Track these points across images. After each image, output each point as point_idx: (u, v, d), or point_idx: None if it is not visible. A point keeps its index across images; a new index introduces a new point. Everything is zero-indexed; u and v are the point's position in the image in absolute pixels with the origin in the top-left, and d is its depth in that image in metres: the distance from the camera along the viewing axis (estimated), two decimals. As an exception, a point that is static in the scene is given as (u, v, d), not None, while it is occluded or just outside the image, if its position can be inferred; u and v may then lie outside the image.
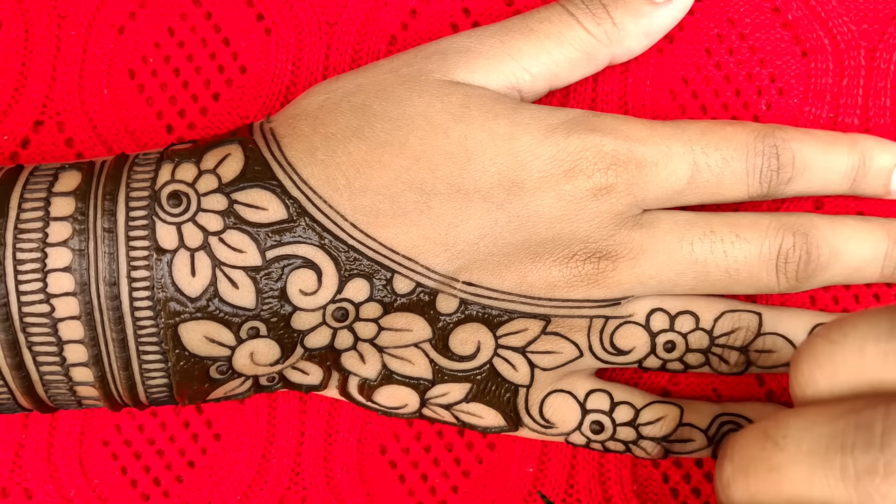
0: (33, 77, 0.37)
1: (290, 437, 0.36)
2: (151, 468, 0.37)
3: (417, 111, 0.32)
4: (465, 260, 0.32)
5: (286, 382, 0.34)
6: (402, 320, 0.32)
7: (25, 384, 0.31)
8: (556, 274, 0.32)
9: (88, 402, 0.33)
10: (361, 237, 0.31)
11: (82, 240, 0.30)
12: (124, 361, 0.31)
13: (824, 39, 0.36)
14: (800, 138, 0.33)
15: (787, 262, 0.33)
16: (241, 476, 0.36)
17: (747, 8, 0.36)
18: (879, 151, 0.34)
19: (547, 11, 0.34)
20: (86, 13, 0.37)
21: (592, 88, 0.36)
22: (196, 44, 0.37)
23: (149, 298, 0.30)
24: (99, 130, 0.37)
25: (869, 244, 0.33)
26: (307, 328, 0.31)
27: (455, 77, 0.32)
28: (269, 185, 0.31)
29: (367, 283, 0.31)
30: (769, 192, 0.33)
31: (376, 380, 0.33)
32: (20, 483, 0.37)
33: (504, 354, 0.33)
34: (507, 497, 0.36)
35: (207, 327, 0.31)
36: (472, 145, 0.31)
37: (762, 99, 0.36)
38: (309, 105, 0.33)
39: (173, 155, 0.32)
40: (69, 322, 0.30)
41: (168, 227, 0.30)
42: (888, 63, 0.36)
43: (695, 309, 0.33)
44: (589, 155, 0.32)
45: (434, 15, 0.37)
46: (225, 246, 0.30)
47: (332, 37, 0.37)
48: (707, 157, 0.32)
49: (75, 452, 0.37)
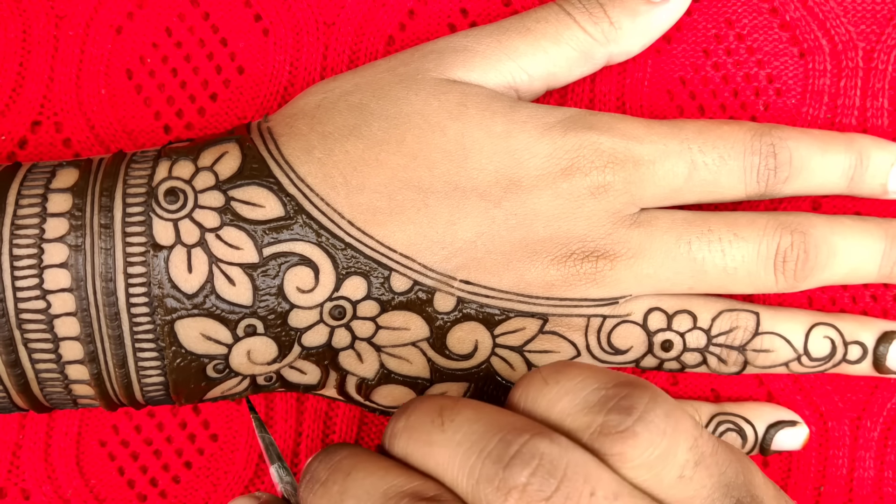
0: (31, 77, 0.37)
1: (288, 437, 0.36)
2: (148, 468, 0.37)
3: (414, 109, 0.32)
4: (462, 258, 0.32)
5: (284, 382, 0.33)
6: (400, 319, 0.32)
7: (21, 382, 0.31)
8: (554, 273, 0.32)
9: (84, 402, 0.33)
10: (359, 235, 0.31)
11: (79, 236, 0.30)
12: (120, 359, 0.31)
13: (822, 40, 0.36)
14: (797, 137, 0.33)
15: (784, 261, 0.33)
16: (238, 476, 0.36)
17: (745, 8, 0.36)
18: (877, 151, 0.34)
19: (544, 11, 0.34)
20: (84, 13, 0.37)
21: (590, 88, 0.36)
22: (194, 44, 0.37)
23: (145, 295, 0.30)
24: (97, 131, 0.37)
25: (866, 243, 0.33)
26: (304, 326, 0.31)
27: (452, 76, 0.32)
28: (266, 183, 0.31)
29: (365, 280, 0.31)
30: (766, 191, 0.33)
31: (374, 379, 0.33)
32: (17, 483, 0.36)
33: (502, 353, 0.33)
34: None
35: (204, 324, 0.31)
36: (470, 143, 0.31)
37: (760, 99, 0.36)
38: (306, 104, 0.33)
39: (171, 152, 0.32)
40: (65, 319, 0.30)
41: (165, 223, 0.30)
42: (886, 64, 0.36)
43: (692, 308, 0.33)
44: (586, 153, 0.32)
45: (432, 15, 0.37)
46: (222, 243, 0.30)
47: (329, 37, 0.37)
48: (704, 155, 0.32)
49: (72, 453, 0.36)
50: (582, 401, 0.26)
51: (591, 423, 0.26)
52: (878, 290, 0.35)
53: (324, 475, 0.28)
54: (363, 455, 0.28)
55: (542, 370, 0.27)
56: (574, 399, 0.26)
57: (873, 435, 0.36)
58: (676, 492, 0.26)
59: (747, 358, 0.34)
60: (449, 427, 0.26)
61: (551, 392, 0.27)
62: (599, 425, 0.25)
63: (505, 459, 0.24)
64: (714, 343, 0.33)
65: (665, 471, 0.25)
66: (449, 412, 0.26)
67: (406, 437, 0.27)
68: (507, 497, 0.24)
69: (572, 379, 0.27)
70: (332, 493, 0.27)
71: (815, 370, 0.34)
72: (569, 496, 0.24)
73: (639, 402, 0.25)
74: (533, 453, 0.24)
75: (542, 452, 0.24)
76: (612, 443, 0.25)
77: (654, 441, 0.25)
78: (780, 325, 0.34)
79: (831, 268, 0.33)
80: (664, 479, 0.25)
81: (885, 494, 0.36)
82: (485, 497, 0.24)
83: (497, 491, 0.24)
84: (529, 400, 0.27)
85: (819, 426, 0.36)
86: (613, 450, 0.25)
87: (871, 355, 0.34)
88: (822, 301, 0.36)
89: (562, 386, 0.26)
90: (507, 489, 0.24)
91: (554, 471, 0.24)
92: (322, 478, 0.28)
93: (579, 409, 0.26)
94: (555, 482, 0.24)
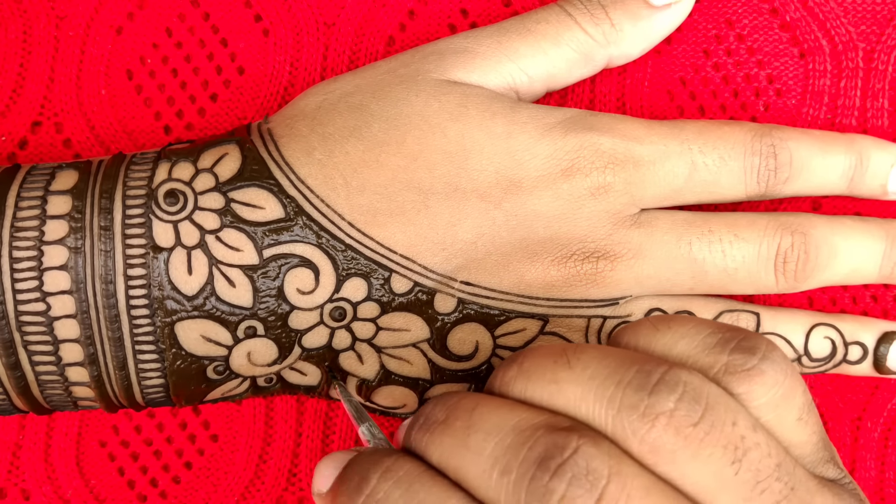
0: (31, 78, 0.37)
1: (288, 438, 0.36)
2: (149, 469, 0.37)
3: (415, 110, 0.32)
4: (462, 259, 0.31)
5: (284, 384, 0.33)
6: (400, 320, 0.32)
7: (21, 384, 0.31)
8: (554, 273, 0.32)
9: (84, 404, 0.33)
10: (359, 236, 0.31)
11: (78, 238, 0.30)
12: (120, 361, 0.31)
13: (822, 41, 0.36)
14: (797, 138, 0.33)
15: (785, 261, 0.33)
16: (238, 477, 0.36)
17: (745, 9, 0.36)
18: (877, 152, 0.34)
19: (545, 12, 0.34)
20: (84, 14, 0.37)
21: (590, 89, 0.36)
22: (194, 45, 0.37)
23: (145, 297, 0.30)
24: (97, 131, 0.37)
25: (867, 244, 0.33)
26: (305, 328, 0.31)
27: (452, 77, 0.32)
28: (266, 184, 0.31)
29: (365, 282, 0.31)
30: (767, 191, 0.33)
31: (374, 380, 0.33)
32: (17, 484, 0.36)
33: (502, 354, 0.33)
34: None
35: (204, 326, 0.31)
36: (470, 144, 0.31)
37: (760, 100, 0.36)
38: (306, 105, 0.33)
39: (170, 154, 0.32)
40: (65, 321, 0.30)
41: (165, 225, 0.30)
42: (886, 64, 0.36)
43: (693, 309, 0.33)
44: (586, 154, 0.32)
45: (432, 16, 0.37)
46: (222, 244, 0.30)
47: (329, 38, 0.37)
48: (704, 156, 0.32)
49: (72, 453, 0.36)
50: (700, 342, 0.26)
51: (714, 362, 0.25)
52: (879, 291, 0.35)
53: (442, 415, 0.26)
54: (483, 396, 0.27)
55: (647, 319, 0.27)
56: (692, 342, 0.26)
57: (874, 435, 0.36)
58: (794, 434, 0.26)
59: (748, 359, 0.34)
60: (576, 364, 0.25)
61: (665, 336, 0.26)
62: (724, 364, 0.25)
63: (648, 387, 0.24)
64: (714, 344, 0.33)
65: (787, 412, 0.25)
66: (573, 352, 0.26)
67: (524, 379, 0.26)
68: (655, 423, 0.24)
69: (684, 325, 0.27)
70: (454, 429, 0.26)
71: (815, 370, 0.34)
72: (714, 423, 0.24)
73: (759, 343, 0.26)
74: (676, 381, 0.24)
75: (685, 380, 0.24)
76: (738, 381, 0.25)
77: (778, 380, 0.25)
78: (781, 325, 0.34)
79: (832, 268, 0.33)
80: (785, 421, 0.25)
81: (887, 495, 0.36)
82: (629, 425, 0.24)
83: (643, 417, 0.24)
84: (641, 345, 0.27)
85: (819, 427, 0.36)
86: (741, 388, 0.25)
87: (871, 356, 0.34)
88: (822, 301, 0.36)
89: (675, 331, 0.26)
90: (653, 415, 0.24)
91: (699, 397, 0.24)
92: (441, 417, 0.26)
93: (700, 350, 0.26)
94: (700, 409, 0.24)
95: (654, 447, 0.24)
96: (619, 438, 0.24)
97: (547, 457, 0.23)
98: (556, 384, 0.25)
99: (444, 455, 0.25)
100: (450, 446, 0.25)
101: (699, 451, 0.24)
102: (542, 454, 0.24)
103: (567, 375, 0.25)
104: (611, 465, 0.23)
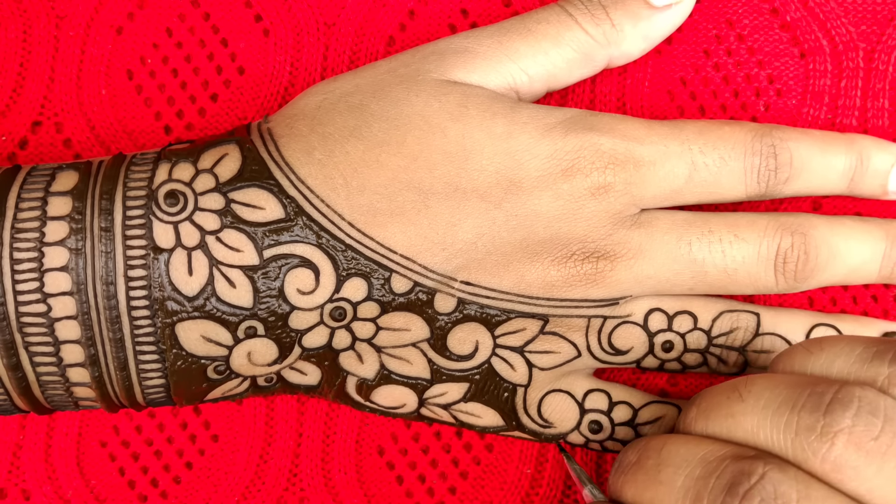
0: (31, 78, 0.37)
1: (288, 438, 0.36)
2: (149, 469, 0.37)
3: (415, 110, 0.32)
4: (462, 259, 0.32)
5: (284, 383, 0.33)
6: (401, 320, 0.32)
7: (22, 385, 0.31)
8: (554, 273, 0.32)
9: (85, 404, 0.33)
10: (359, 236, 0.31)
11: (79, 239, 0.30)
12: (121, 361, 0.31)
13: (823, 41, 0.36)
14: (797, 138, 0.33)
15: (785, 262, 0.33)
16: (238, 477, 0.36)
17: (746, 9, 0.36)
18: (877, 152, 0.34)
19: (545, 12, 0.34)
20: (84, 14, 0.37)
21: (591, 89, 0.36)
22: (194, 45, 0.37)
23: (146, 298, 0.30)
24: (97, 131, 0.37)
25: (867, 244, 0.33)
26: (305, 328, 0.31)
27: (452, 77, 0.32)
28: (266, 185, 0.31)
29: (365, 282, 0.31)
30: (767, 191, 0.33)
31: (374, 380, 0.33)
32: (18, 484, 0.36)
33: (502, 354, 0.33)
34: (505, 498, 0.36)
35: (205, 327, 0.31)
36: (470, 144, 0.31)
37: (760, 100, 0.36)
38: (306, 105, 0.33)
39: (170, 154, 0.32)
40: (66, 322, 0.30)
41: (165, 226, 0.30)
42: (886, 64, 0.36)
43: (693, 309, 0.33)
44: (587, 154, 0.32)
45: (432, 16, 0.37)
46: (222, 245, 0.30)
47: (330, 38, 0.37)
48: (705, 156, 0.32)
49: (73, 453, 0.37)
50: (857, 358, 0.27)
51: (876, 374, 0.26)
52: (879, 291, 0.35)
53: (634, 457, 0.28)
54: (670, 435, 0.28)
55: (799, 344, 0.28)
56: (848, 359, 0.27)
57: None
58: None
59: (748, 359, 0.34)
60: (748, 396, 0.26)
61: (820, 358, 0.27)
62: (887, 376, 0.26)
63: (822, 408, 0.25)
64: (714, 344, 0.33)
65: None
66: (743, 385, 0.27)
67: (704, 418, 0.28)
68: (835, 440, 0.24)
69: (836, 344, 0.27)
70: (647, 468, 0.27)
71: (815, 371, 0.34)
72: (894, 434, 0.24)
73: None
74: (850, 397, 0.25)
75: (859, 396, 0.25)
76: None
77: None
78: (781, 325, 0.34)
79: (832, 268, 0.33)
80: None
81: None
82: (808, 446, 0.24)
83: (822, 437, 0.24)
84: (797, 370, 0.28)
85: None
86: None
87: None
88: (822, 301, 0.36)
89: (828, 351, 0.27)
90: (832, 433, 0.24)
91: (875, 411, 0.24)
92: (633, 459, 0.28)
93: (858, 365, 0.26)
94: (879, 422, 0.24)
95: (836, 465, 0.24)
96: (801, 461, 0.25)
97: (735, 483, 0.25)
98: (733, 417, 0.27)
99: (638, 491, 0.27)
100: (643, 482, 0.27)
101: (884, 463, 0.24)
102: (730, 481, 0.25)
103: (741, 408, 0.27)
104: (798, 489, 0.24)
